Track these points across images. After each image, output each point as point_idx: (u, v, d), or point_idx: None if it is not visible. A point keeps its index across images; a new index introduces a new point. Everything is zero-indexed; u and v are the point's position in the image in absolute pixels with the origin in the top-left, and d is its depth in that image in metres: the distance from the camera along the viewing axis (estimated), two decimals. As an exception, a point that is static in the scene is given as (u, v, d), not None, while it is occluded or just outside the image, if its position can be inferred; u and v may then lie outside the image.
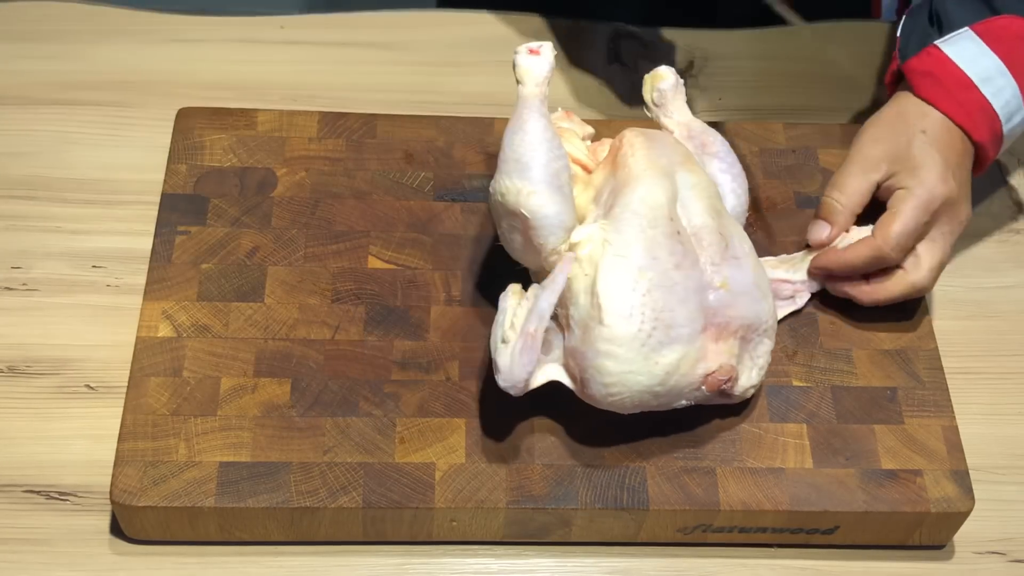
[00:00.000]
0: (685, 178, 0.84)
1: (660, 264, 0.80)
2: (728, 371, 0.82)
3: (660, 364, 0.79)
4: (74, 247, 0.97)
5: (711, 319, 0.81)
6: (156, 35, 1.11)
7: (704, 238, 0.83)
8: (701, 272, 0.81)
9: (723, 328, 0.82)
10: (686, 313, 0.80)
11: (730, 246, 0.83)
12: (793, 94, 1.12)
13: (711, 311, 0.81)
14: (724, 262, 0.82)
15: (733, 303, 0.82)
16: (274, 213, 0.95)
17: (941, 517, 0.84)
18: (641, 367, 0.79)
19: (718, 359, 0.81)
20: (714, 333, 0.82)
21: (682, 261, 0.81)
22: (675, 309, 0.79)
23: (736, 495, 0.83)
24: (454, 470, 0.83)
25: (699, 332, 0.81)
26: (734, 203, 0.89)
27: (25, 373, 0.90)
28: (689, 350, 0.80)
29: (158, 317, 0.88)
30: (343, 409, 0.85)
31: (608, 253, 0.80)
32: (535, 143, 0.81)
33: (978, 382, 0.95)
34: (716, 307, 0.81)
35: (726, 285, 0.82)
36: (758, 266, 0.85)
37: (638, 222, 0.81)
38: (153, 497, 0.80)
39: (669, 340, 0.79)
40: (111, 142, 1.03)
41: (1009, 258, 1.03)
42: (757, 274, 0.84)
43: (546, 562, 0.85)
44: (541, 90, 0.84)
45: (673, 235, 0.81)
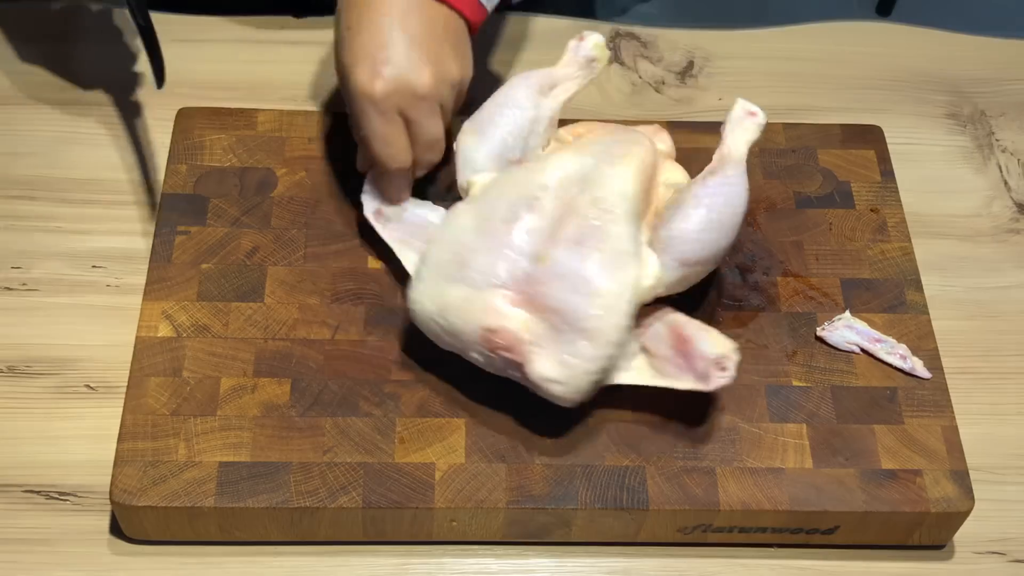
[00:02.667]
0: (606, 170, 0.84)
1: (495, 213, 0.83)
2: (509, 339, 0.81)
3: (443, 296, 0.82)
4: (74, 247, 0.97)
5: (519, 285, 0.81)
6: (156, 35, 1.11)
7: (566, 219, 0.82)
8: (533, 242, 0.82)
9: (527, 299, 0.81)
10: (486, 262, 0.81)
11: (586, 235, 0.81)
12: (793, 94, 1.12)
13: (520, 276, 0.81)
14: (563, 243, 0.81)
15: (545, 281, 0.81)
16: (274, 213, 0.95)
17: (941, 517, 0.84)
18: (431, 291, 0.83)
19: (502, 321, 0.81)
20: (514, 298, 0.81)
21: (514, 223, 0.82)
22: (477, 252, 0.82)
23: (736, 495, 0.83)
24: (454, 470, 0.83)
25: (493, 286, 0.81)
26: (690, 227, 0.83)
27: (25, 373, 0.90)
28: (474, 296, 0.81)
29: (158, 317, 0.88)
30: (343, 409, 0.85)
31: (475, 194, 0.86)
32: (502, 102, 0.89)
33: (978, 382, 0.95)
34: (527, 275, 0.81)
35: (545, 261, 0.81)
36: (611, 268, 0.81)
37: (513, 178, 0.85)
38: (153, 497, 0.80)
39: (459, 277, 0.82)
40: (111, 142, 1.03)
41: (1009, 258, 1.03)
42: (598, 273, 0.80)
43: (546, 562, 0.85)
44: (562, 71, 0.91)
45: (529, 200, 0.83)
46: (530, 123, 0.89)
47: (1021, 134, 1.11)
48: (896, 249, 0.97)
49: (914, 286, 0.95)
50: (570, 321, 0.80)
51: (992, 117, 1.12)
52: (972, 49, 1.17)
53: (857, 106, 1.11)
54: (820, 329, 0.90)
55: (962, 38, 1.18)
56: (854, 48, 1.16)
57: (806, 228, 0.97)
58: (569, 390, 0.81)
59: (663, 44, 1.15)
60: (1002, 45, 1.18)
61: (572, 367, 0.81)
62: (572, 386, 0.81)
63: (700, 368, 0.83)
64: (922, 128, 1.11)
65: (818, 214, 0.98)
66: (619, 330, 0.81)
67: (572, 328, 0.80)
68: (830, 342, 0.90)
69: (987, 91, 1.14)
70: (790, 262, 0.95)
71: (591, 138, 0.89)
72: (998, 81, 1.15)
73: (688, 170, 1.00)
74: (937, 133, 1.11)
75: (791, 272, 0.95)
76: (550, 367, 0.81)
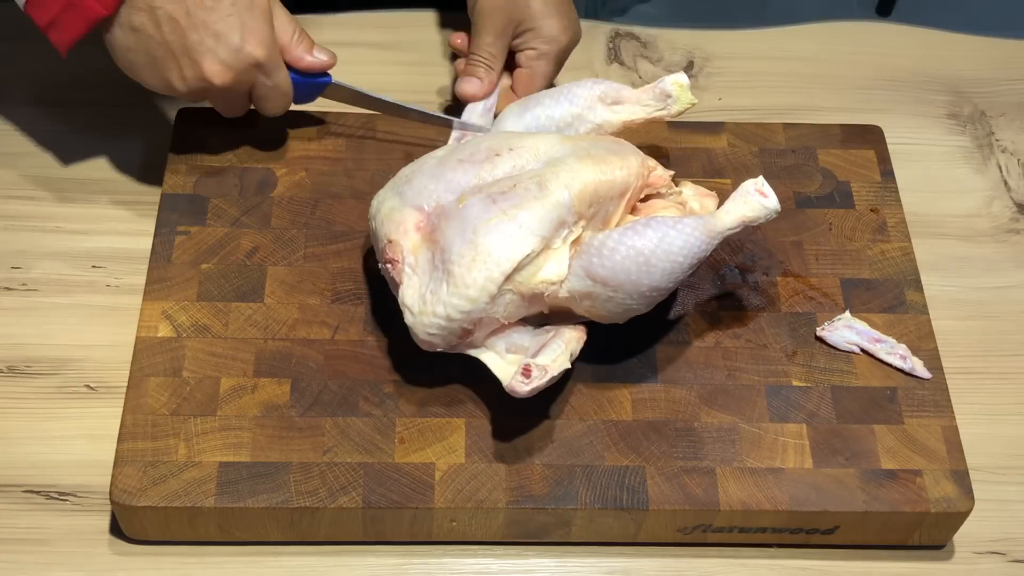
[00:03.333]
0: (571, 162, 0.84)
1: (461, 152, 0.87)
2: (395, 252, 0.83)
3: (383, 202, 0.86)
4: (74, 247, 0.97)
5: (432, 214, 0.84)
6: (156, 35, 1.11)
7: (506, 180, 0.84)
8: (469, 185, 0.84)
9: (431, 228, 0.83)
10: (420, 184, 0.85)
11: (506, 199, 0.82)
12: (793, 94, 1.12)
13: (439, 209, 0.84)
14: (482, 195, 0.83)
15: (449, 218, 0.82)
16: (274, 213, 0.95)
17: (941, 517, 0.84)
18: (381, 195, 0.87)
19: (397, 236, 0.84)
20: (421, 222, 0.84)
21: (467, 163, 0.85)
22: (420, 175, 0.86)
23: (736, 495, 0.83)
24: (454, 470, 0.83)
25: (413, 206, 0.84)
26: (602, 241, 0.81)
27: (25, 373, 0.90)
28: (397, 209, 0.85)
29: (158, 317, 0.88)
30: (343, 409, 0.85)
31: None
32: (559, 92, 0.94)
33: (978, 382, 0.95)
34: (442, 209, 0.84)
35: (462, 202, 0.83)
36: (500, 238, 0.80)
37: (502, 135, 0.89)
38: (153, 497, 0.80)
39: (399, 191, 0.86)
40: (111, 142, 1.03)
41: (1009, 258, 1.03)
42: (487, 232, 0.80)
43: (546, 562, 0.85)
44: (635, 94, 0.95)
45: (492, 153, 0.86)
46: (572, 118, 0.93)
47: (1021, 134, 1.11)
48: (896, 249, 0.97)
49: (914, 286, 0.95)
50: (444, 260, 0.81)
51: (992, 117, 1.12)
52: (972, 49, 1.17)
53: (857, 106, 1.11)
54: (820, 329, 0.90)
55: (962, 38, 1.18)
56: (854, 48, 1.16)
57: (806, 228, 0.97)
58: (416, 324, 0.82)
59: (663, 44, 1.15)
60: (1002, 45, 1.18)
61: (426, 303, 0.82)
62: (420, 322, 0.82)
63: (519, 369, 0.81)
64: (922, 128, 1.11)
65: (818, 214, 0.98)
66: (479, 290, 0.80)
67: (442, 268, 0.81)
68: (830, 342, 0.90)
69: (987, 91, 1.14)
70: (790, 262, 0.95)
71: (594, 137, 0.90)
72: (998, 81, 1.15)
73: (686, 169, 1.00)
74: (937, 133, 1.11)
75: (791, 272, 0.95)
76: (411, 295, 0.83)
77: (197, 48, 0.88)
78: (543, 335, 0.84)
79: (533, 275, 0.81)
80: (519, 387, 0.79)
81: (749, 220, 0.83)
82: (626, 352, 0.89)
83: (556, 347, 0.82)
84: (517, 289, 0.81)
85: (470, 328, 0.82)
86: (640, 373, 0.88)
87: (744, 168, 1.00)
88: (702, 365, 0.89)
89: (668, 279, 0.82)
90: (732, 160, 1.01)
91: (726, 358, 0.90)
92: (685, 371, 0.89)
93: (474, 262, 0.80)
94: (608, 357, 0.88)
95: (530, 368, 0.80)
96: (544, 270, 0.82)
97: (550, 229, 0.82)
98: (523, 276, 0.81)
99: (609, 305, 0.83)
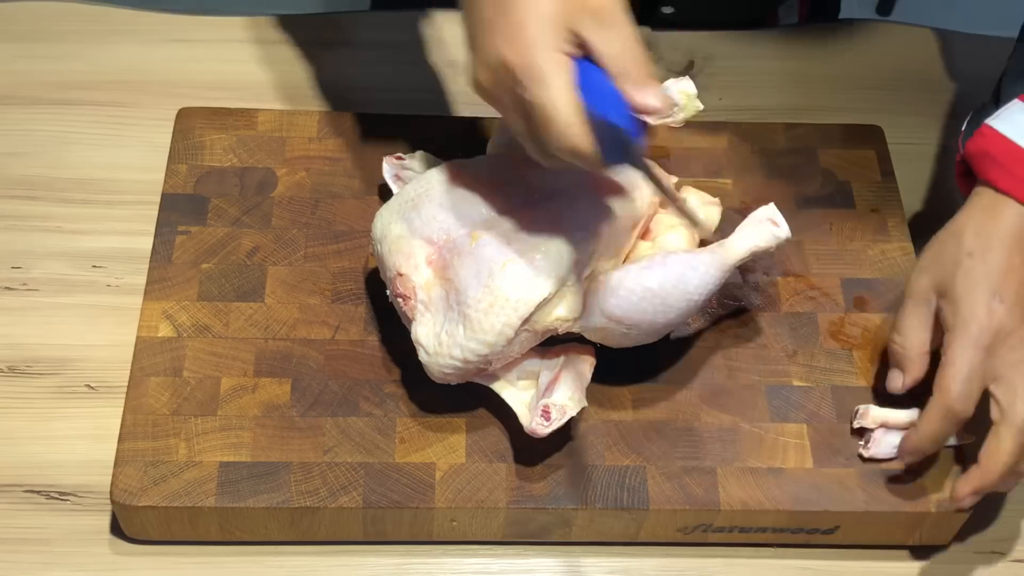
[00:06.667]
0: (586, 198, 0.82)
1: (472, 177, 0.84)
2: (407, 288, 0.82)
3: (389, 227, 0.83)
4: (74, 247, 0.97)
5: (444, 248, 0.82)
6: (156, 35, 1.11)
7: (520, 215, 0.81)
8: (481, 218, 0.82)
9: (443, 264, 0.81)
10: (430, 214, 0.82)
11: (522, 239, 0.80)
12: (793, 94, 1.12)
13: (450, 243, 0.81)
14: (497, 234, 0.81)
15: (462, 256, 0.80)
16: (274, 213, 0.95)
17: (941, 517, 0.84)
18: (385, 218, 0.84)
19: (408, 271, 0.82)
20: (433, 257, 0.82)
21: (479, 193, 0.83)
22: (431, 202, 0.83)
23: (736, 495, 0.83)
24: (454, 470, 0.83)
25: (423, 238, 0.82)
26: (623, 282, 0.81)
27: (25, 373, 0.90)
28: (406, 239, 0.82)
29: (158, 317, 0.88)
30: (343, 409, 0.85)
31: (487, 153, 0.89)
32: None
33: (978, 382, 0.95)
34: (453, 243, 0.81)
35: (476, 240, 0.81)
36: (517, 280, 0.79)
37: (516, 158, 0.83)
38: (153, 497, 0.80)
39: (407, 217, 0.83)
40: (111, 142, 1.03)
41: (1009, 258, 1.02)
42: (503, 274, 0.79)
43: (546, 562, 0.85)
44: None
45: (508, 182, 0.83)
46: None
47: (1021, 134, 1.11)
48: (896, 249, 0.97)
49: (914, 286, 0.94)
50: (459, 302, 0.80)
51: (992, 117, 1.12)
52: (972, 49, 1.17)
53: (857, 106, 1.11)
54: (865, 451, 0.85)
55: (962, 38, 1.18)
56: (854, 48, 1.16)
57: (806, 228, 0.97)
58: (431, 363, 0.81)
59: (663, 44, 1.15)
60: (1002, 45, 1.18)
61: (441, 344, 0.81)
62: (435, 362, 0.81)
63: (537, 409, 0.81)
64: (922, 128, 1.10)
65: (818, 214, 0.98)
66: (497, 335, 0.79)
67: (458, 310, 0.80)
68: (881, 456, 0.85)
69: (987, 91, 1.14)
70: (790, 262, 0.95)
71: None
72: (998, 81, 1.15)
73: (687, 168, 1.00)
74: (937, 133, 1.11)
75: (791, 272, 0.95)
76: (425, 333, 0.81)
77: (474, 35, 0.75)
78: (552, 360, 0.84)
79: (548, 314, 0.81)
80: (540, 430, 0.80)
81: (762, 250, 0.84)
82: (627, 352, 0.89)
83: (570, 382, 0.82)
84: (532, 328, 0.80)
85: (485, 367, 0.82)
86: (641, 373, 0.88)
87: (745, 168, 1.00)
88: (702, 365, 0.89)
89: (683, 316, 0.83)
90: (732, 160, 1.01)
91: (726, 358, 0.90)
92: (686, 371, 0.89)
93: (491, 307, 0.79)
94: (609, 357, 0.88)
95: (549, 410, 0.80)
96: (559, 308, 0.81)
97: (566, 270, 0.80)
98: (538, 316, 0.80)
99: (623, 339, 0.83)
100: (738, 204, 0.98)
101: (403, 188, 0.86)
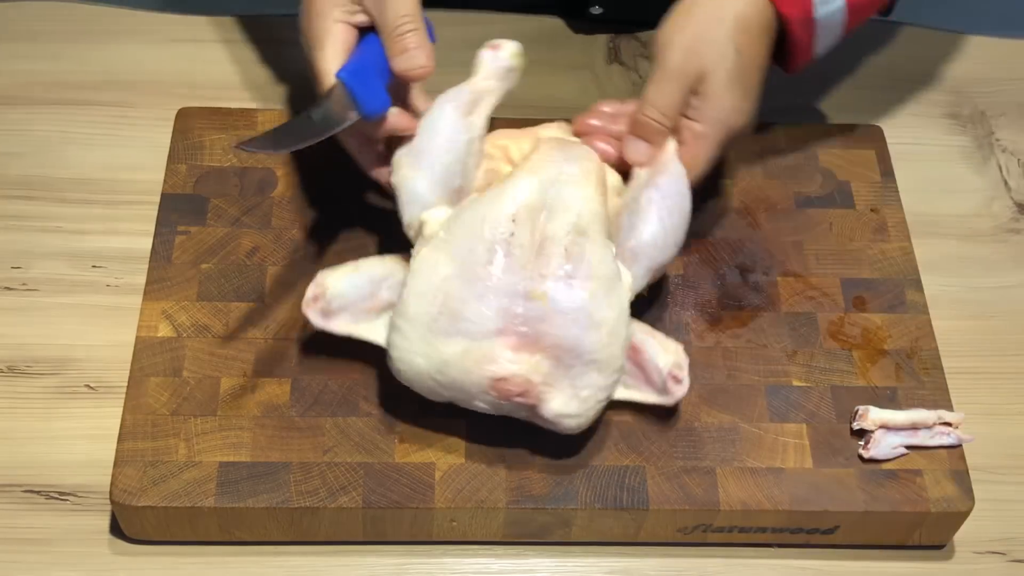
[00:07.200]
0: (566, 192, 0.82)
1: (472, 257, 0.79)
2: (522, 384, 0.79)
3: (440, 352, 0.79)
4: (74, 247, 0.97)
5: (515, 326, 0.79)
6: (156, 35, 1.11)
7: (547, 249, 0.80)
8: (521, 279, 0.79)
9: (529, 340, 0.79)
10: (478, 310, 0.79)
11: (573, 264, 0.80)
12: (793, 94, 1.12)
13: (517, 318, 0.79)
14: (554, 278, 0.79)
15: (547, 319, 0.79)
16: (274, 213, 0.95)
17: (941, 517, 0.84)
18: (422, 349, 0.80)
19: (511, 368, 0.79)
20: (515, 342, 0.79)
21: (497, 263, 0.79)
22: (468, 302, 0.79)
23: (736, 495, 0.83)
24: (454, 470, 0.83)
25: (491, 334, 0.79)
26: (648, 234, 0.83)
27: (25, 373, 0.90)
28: (474, 348, 0.79)
29: (158, 317, 0.88)
30: (343, 409, 0.85)
31: (439, 235, 0.81)
32: (434, 129, 0.84)
33: (978, 382, 0.95)
34: (524, 316, 0.79)
35: (544, 299, 0.79)
36: (604, 294, 0.80)
37: (476, 215, 0.81)
38: (153, 497, 0.80)
39: (454, 331, 0.79)
40: (111, 142, 1.03)
41: (1009, 258, 1.03)
42: (595, 301, 0.79)
43: (546, 562, 0.85)
44: (483, 84, 0.86)
45: (502, 237, 0.80)
46: (466, 145, 0.84)
47: (1021, 134, 1.11)
48: (896, 249, 0.97)
49: (914, 286, 0.95)
50: (577, 355, 0.79)
51: (992, 117, 1.12)
52: (972, 49, 1.17)
53: (857, 106, 1.11)
54: (865, 452, 0.85)
55: (962, 38, 1.18)
56: (854, 48, 1.16)
57: (806, 228, 0.97)
58: (582, 421, 0.81)
59: (663, 44, 1.14)
60: (1002, 45, 1.18)
61: (585, 399, 0.80)
62: (585, 417, 0.81)
63: (657, 382, 0.83)
64: (922, 128, 1.11)
65: (818, 214, 0.98)
66: (624, 353, 0.81)
67: (580, 362, 0.80)
68: (881, 457, 0.85)
69: (987, 91, 1.14)
70: (790, 262, 0.95)
71: (538, 158, 0.84)
72: (998, 81, 1.15)
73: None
74: (937, 133, 1.11)
75: (791, 272, 0.95)
76: (563, 403, 0.80)
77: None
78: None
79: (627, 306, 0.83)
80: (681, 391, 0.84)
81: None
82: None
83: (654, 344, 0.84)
84: None
85: None
86: (640, 373, 0.88)
87: (745, 168, 1.00)
88: (702, 365, 0.89)
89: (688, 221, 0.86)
90: (732, 160, 1.01)
91: (726, 358, 0.90)
92: (685, 371, 0.89)
93: (607, 336, 0.80)
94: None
95: (677, 374, 0.83)
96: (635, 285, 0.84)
97: (613, 258, 0.82)
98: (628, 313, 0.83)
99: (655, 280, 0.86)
100: (738, 204, 0.98)
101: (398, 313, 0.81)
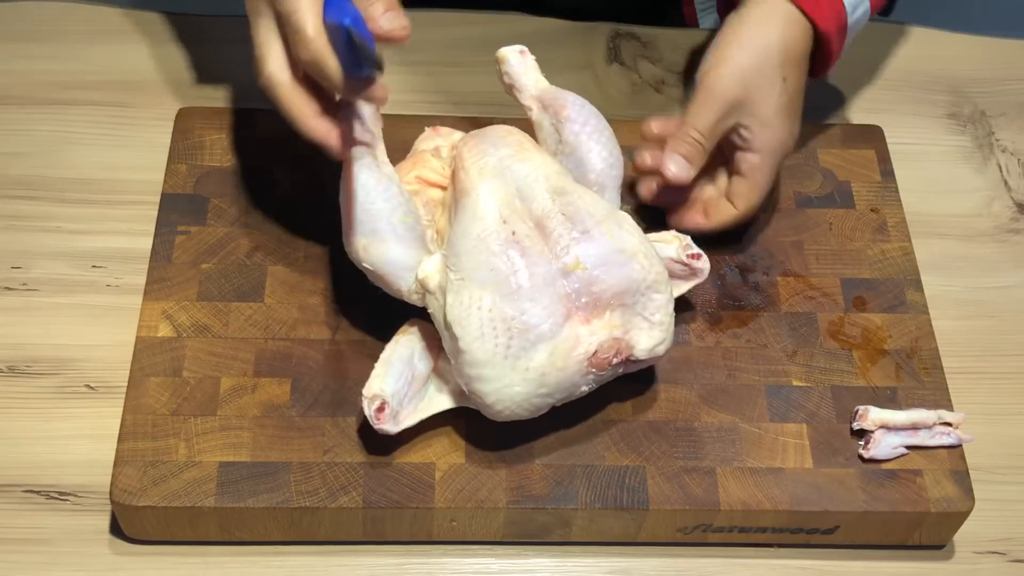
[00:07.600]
0: (519, 169, 0.83)
1: (498, 274, 0.79)
2: (612, 345, 0.81)
3: (531, 369, 0.79)
4: (74, 247, 0.97)
5: (575, 304, 0.80)
6: (156, 35, 1.11)
7: (547, 225, 0.81)
8: (550, 263, 0.80)
9: (593, 306, 0.80)
10: (539, 311, 0.79)
11: (576, 222, 0.81)
12: (793, 94, 1.12)
13: (572, 296, 0.80)
14: (573, 242, 0.81)
15: (595, 279, 0.80)
16: (274, 213, 0.95)
17: (941, 517, 0.84)
18: (513, 378, 0.79)
19: (595, 339, 0.80)
20: (583, 316, 0.80)
21: (522, 262, 0.80)
22: (525, 312, 0.79)
23: (736, 495, 0.83)
24: (454, 470, 0.83)
25: (562, 322, 0.80)
26: (598, 160, 0.88)
27: (25, 373, 0.90)
28: (556, 344, 0.79)
29: (158, 317, 0.88)
30: (343, 409, 0.85)
31: (451, 279, 0.80)
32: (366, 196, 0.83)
33: (978, 382, 0.95)
34: (577, 289, 0.80)
35: (580, 265, 0.80)
36: (617, 228, 0.82)
37: (471, 239, 0.81)
38: (153, 497, 0.80)
39: (530, 343, 0.79)
40: (111, 142, 1.03)
41: (1009, 258, 1.03)
42: (616, 238, 0.81)
43: (546, 562, 0.85)
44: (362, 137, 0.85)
45: (508, 240, 0.80)
46: (399, 193, 0.83)
47: (1021, 134, 1.11)
48: (896, 249, 0.97)
49: (914, 286, 0.95)
50: (634, 291, 0.81)
51: (992, 117, 1.12)
52: (972, 49, 1.17)
53: (857, 106, 1.11)
54: (865, 453, 0.85)
55: (962, 38, 1.18)
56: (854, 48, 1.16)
57: (806, 228, 0.97)
58: (669, 340, 0.84)
59: (663, 44, 1.15)
60: (1002, 45, 1.18)
61: (660, 322, 0.83)
62: (670, 335, 0.84)
63: (679, 270, 0.88)
64: (922, 128, 1.11)
65: (818, 214, 0.98)
66: (663, 264, 0.84)
67: (638, 294, 0.81)
68: (881, 457, 0.85)
69: (987, 91, 1.14)
70: (790, 262, 0.95)
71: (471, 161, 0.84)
72: (998, 81, 1.15)
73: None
74: (937, 133, 1.11)
75: (791, 272, 0.95)
76: (648, 337, 0.82)
77: None
78: None
79: None
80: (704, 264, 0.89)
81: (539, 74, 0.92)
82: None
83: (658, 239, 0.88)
84: None
85: None
86: (640, 373, 0.88)
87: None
88: (702, 365, 0.89)
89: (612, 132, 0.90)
90: (732, 160, 1.01)
91: (726, 358, 0.90)
92: (685, 371, 0.89)
93: (646, 259, 0.82)
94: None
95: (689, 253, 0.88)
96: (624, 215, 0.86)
97: (602, 199, 0.85)
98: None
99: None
100: (738, 204, 0.98)
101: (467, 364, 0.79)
